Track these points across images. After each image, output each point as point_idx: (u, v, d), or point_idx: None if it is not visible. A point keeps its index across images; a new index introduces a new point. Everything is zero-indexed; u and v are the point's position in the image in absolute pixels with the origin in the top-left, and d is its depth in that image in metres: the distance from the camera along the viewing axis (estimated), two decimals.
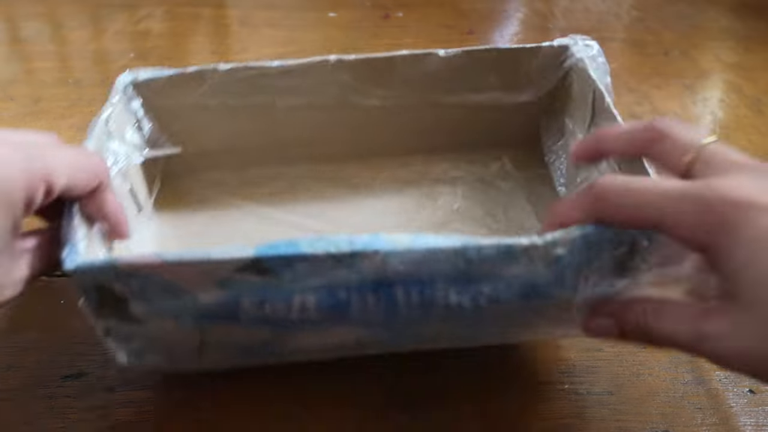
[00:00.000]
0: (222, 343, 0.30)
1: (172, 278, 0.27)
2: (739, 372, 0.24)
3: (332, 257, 0.26)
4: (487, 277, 0.27)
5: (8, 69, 0.66)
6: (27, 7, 0.80)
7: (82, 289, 0.27)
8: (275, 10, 0.81)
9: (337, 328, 0.29)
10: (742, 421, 0.33)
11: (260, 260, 0.26)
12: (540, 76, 0.41)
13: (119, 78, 0.39)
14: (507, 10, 0.85)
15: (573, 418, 0.33)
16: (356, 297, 0.27)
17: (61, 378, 0.34)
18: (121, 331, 0.29)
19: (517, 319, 0.30)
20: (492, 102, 0.41)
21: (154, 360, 0.31)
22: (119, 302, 0.27)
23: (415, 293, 0.27)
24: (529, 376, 0.35)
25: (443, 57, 0.39)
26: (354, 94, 0.41)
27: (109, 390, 0.33)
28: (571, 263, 0.26)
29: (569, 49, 0.39)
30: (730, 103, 0.64)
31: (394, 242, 0.26)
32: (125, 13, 0.78)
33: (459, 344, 0.33)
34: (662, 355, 0.36)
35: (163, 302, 0.27)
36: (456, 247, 0.26)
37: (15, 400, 0.32)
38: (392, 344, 0.31)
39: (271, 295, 0.27)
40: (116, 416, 0.32)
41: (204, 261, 0.26)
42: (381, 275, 0.26)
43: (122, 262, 0.26)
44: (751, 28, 0.81)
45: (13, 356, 0.35)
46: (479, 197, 0.42)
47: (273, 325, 0.28)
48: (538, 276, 0.26)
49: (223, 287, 0.27)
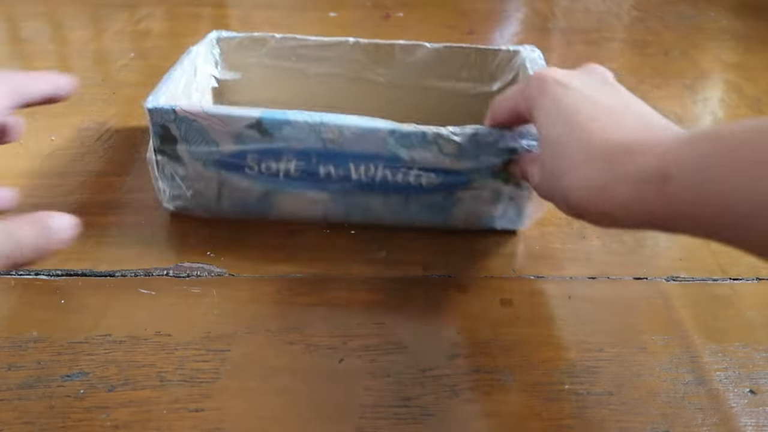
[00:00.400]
0: (232, 193, 0.43)
1: (207, 124, 0.40)
2: (544, 198, 0.35)
3: (308, 124, 0.39)
4: (412, 158, 0.40)
5: (8, 68, 0.66)
6: (27, 6, 0.80)
7: (154, 124, 0.40)
8: (275, 10, 0.81)
9: (308, 192, 0.42)
10: (742, 422, 0.33)
11: (262, 120, 0.39)
12: (500, 72, 0.52)
13: (210, 33, 0.52)
14: (507, 10, 0.85)
15: (573, 418, 0.33)
16: (322, 165, 0.41)
17: (61, 378, 0.34)
18: (169, 169, 0.42)
19: (435, 201, 0.42)
20: (466, 90, 0.53)
21: (187, 203, 0.44)
22: (172, 142, 0.41)
23: (363, 167, 0.41)
24: (529, 376, 0.35)
25: (430, 48, 0.52)
26: (364, 70, 0.53)
27: (109, 390, 0.33)
28: (467, 149, 0.40)
29: (520, 53, 0.51)
30: (730, 103, 0.64)
31: (348, 119, 0.39)
32: (125, 13, 0.78)
33: (396, 221, 0.44)
34: (663, 356, 0.36)
35: (198, 147, 0.41)
36: (389, 128, 0.39)
37: (15, 400, 0.32)
38: (348, 214, 0.43)
39: (267, 154, 0.41)
40: (116, 416, 0.32)
41: (227, 115, 0.40)
42: (338, 144, 0.40)
43: (178, 108, 0.40)
44: (751, 28, 0.81)
45: (13, 356, 0.35)
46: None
47: (267, 182, 0.42)
48: (446, 158, 0.40)
49: (236, 141, 0.40)
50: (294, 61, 0.52)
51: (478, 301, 0.39)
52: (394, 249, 0.43)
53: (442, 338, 0.37)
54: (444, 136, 0.39)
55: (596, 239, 0.45)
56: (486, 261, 0.43)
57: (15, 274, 0.40)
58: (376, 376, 0.34)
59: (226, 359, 0.35)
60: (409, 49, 0.52)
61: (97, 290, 0.39)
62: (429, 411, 0.33)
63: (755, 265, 0.42)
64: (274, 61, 0.53)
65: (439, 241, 0.44)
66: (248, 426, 0.32)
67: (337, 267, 0.41)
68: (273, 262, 0.42)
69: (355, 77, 0.53)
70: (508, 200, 0.42)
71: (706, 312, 0.39)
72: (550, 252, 0.44)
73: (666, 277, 0.42)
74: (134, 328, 0.36)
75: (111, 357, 0.35)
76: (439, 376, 0.34)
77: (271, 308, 0.38)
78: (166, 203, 0.44)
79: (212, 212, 0.44)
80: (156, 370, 0.34)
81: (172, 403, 0.33)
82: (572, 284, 0.41)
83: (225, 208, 0.44)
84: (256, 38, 0.52)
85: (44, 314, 0.37)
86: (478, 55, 0.52)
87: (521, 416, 0.33)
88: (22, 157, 0.50)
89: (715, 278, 0.42)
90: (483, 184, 0.41)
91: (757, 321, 0.39)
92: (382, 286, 0.40)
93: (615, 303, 0.40)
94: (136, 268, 0.41)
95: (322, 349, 0.36)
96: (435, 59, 0.52)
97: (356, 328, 0.37)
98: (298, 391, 0.33)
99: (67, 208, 0.45)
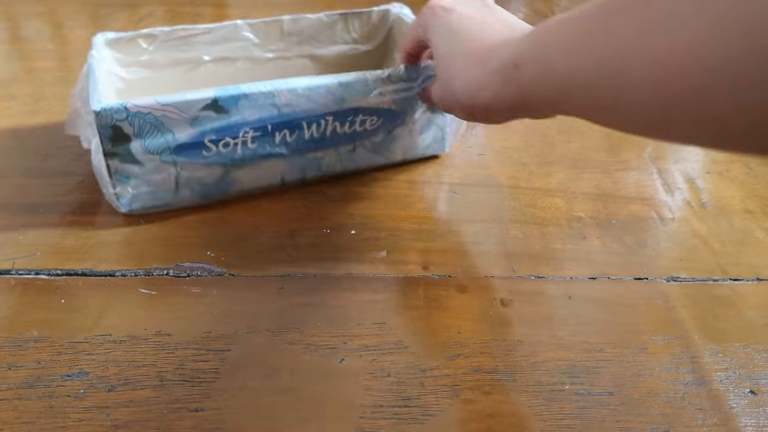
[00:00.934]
0: (190, 180, 0.44)
1: (161, 115, 0.40)
2: (445, 110, 0.40)
3: (262, 93, 0.42)
4: (358, 105, 0.45)
5: (9, 68, 0.66)
6: (28, 6, 0.80)
7: (103, 126, 0.40)
8: (276, 9, 0.81)
9: (266, 161, 0.45)
10: (743, 422, 0.33)
11: (217, 99, 0.41)
12: (375, 32, 0.58)
13: (96, 37, 0.50)
14: (508, 10, 0.85)
15: (573, 418, 0.33)
16: (277, 131, 0.44)
17: (61, 377, 0.34)
18: (123, 172, 0.42)
19: (377, 142, 0.48)
20: (350, 51, 0.58)
21: (144, 203, 0.44)
22: (125, 141, 0.41)
23: (314, 124, 0.44)
24: (529, 377, 0.35)
25: (313, 19, 0.55)
26: (255, 49, 0.55)
27: (109, 390, 0.33)
28: (403, 86, 0.46)
29: (390, 11, 0.57)
30: None
31: (297, 82, 0.43)
32: (126, 13, 0.78)
33: (345, 170, 0.49)
34: (663, 356, 0.36)
35: (153, 139, 0.41)
36: (335, 81, 0.43)
37: (15, 400, 0.32)
38: (304, 173, 0.47)
39: (224, 131, 0.42)
40: (116, 416, 0.32)
41: (182, 101, 0.41)
42: (291, 107, 0.43)
43: (130, 104, 0.40)
44: None
45: (13, 356, 0.35)
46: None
47: (225, 159, 0.43)
48: (384, 97, 0.45)
49: (193, 125, 0.41)
50: (186, 50, 0.53)
51: (479, 301, 0.39)
52: (394, 249, 0.43)
53: (443, 338, 0.37)
54: (384, 77, 0.45)
55: (597, 239, 0.45)
56: (486, 261, 0.42)
57: (15, 273, 0.40)
58: (376, 376, 0.34)
59: (226, 359, 0.35)
60: (294, 22, 0.55)
61: (97, 290, 0.39)
62: (429, 411, 0.33)
63: (756, 266, 0.42)
64: (167, 53, 0.53)
65: (439, 241, 0.44)
66: (248, 426, 0.32)
67: (338, 267, 0.41)
68: (273, 261, 0.42)
69: (249, 56, 0.55)
70: (435, 128, 0.50)
71: (706, 312, 0.39)
72: (550, 252, 0.43)
73: (666, 278, 0.42)
74: (134, 327, 0.36)
75: (111, 357, 0.35)
76: (439, 376, 0.34)
77: (271, 308, 0.38)
78: (123, 207, 0.44)
79: (171, 205, 0.45)
80: (156, 370, 0.34)
81: (172, 403, 0.33)
82: (572, 284, 0.41)
83: (184, 197, 0.45)
84: (144, 34, 0.51)
85: (44, 314, 0.37)
86: (355, 18, 0.57)
87: (522, 416, 0.33)
88: (22, 156, 0.50)
89: (715, 278, 0.42)
90: (415, 117, 0.48)
91: (757, 321, 0.39)
92: (383, 286, 0.40)
93: (615, 303, 0.40)
94: (136, 268, 0.41)
95: (322, 349, 0.36)
96: (319, 28, 0.56)
97: (356, 328, 0.37)
98: (299, 391, 0.33)
99: (67, 208, 0.45)
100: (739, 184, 0.51)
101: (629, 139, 0.56)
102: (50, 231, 0.44)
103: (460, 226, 0.46)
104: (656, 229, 0.46)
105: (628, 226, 0.46)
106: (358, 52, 0.58)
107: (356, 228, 0.45)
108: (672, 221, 0.47)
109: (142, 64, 0.52)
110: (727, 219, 0.47)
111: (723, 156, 0.55)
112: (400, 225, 0.45)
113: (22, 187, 0.48)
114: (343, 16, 0.56)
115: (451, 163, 0.52)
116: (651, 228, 0.46)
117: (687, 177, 0.52)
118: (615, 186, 0.50)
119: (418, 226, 0.45)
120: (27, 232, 0.43)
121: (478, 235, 0.45)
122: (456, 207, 0.47)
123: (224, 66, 0.55)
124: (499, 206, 0.48)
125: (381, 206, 0.47)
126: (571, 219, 0.47)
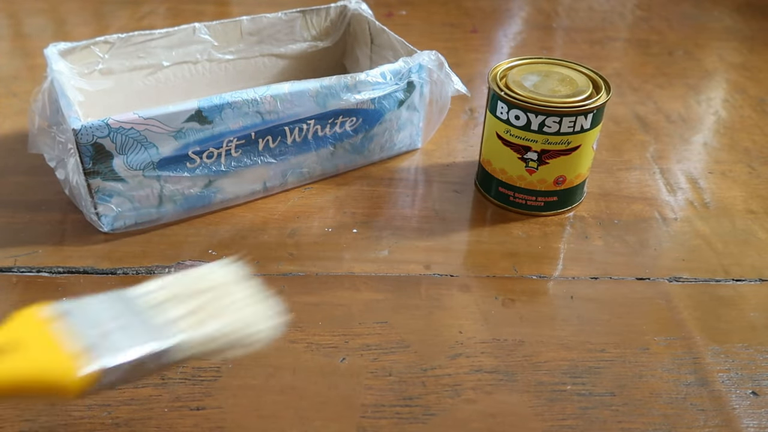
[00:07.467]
0: (173, 194, 0.43)
1: (143, 129, 0.39)
2: None
3: (246, 102, 0.42)
4: (338, 107, 0.45)
5: (11, 65, 0.66)
6: (30, 3, 0.80)
7: (84, 145, 0.38)
8: (278, 8, 0.81)
9: (249, 169, 0.45)
10: (744, 423, 0.32)
11: (201, 110, 0.40)
12: (334, 28, 0.59)
13: (47, 48, 0.47)
14: (510, 9, 0.85)
15: (575, 419, 0.32)
16: (261, 138, 0.44)
17: None
18: (105, 190, 0.41)
19: (356, 143, 0.49)
20: (310, 48, 0.58)
21: (128, 220, 0.43)
22: (107, 158, 0.39)
23: (296, 129, 0.45)
24: (531, 377, 0.35)
25: (272, 18, 0.55)
26: (214, 51, 0.55)
27: (110, 388, 0.33)
28: (380, 86, 0.46)
29: (347, 7, 0.58)
30: (734, 103, 0.63)
31: (279, 88, 0.43)
32: (128, 10, 0.78)
33: (324, 173, 0.49)
34: (665, 357, 0.36)
35: (137, 155, 0.40)
36: (317, 85, 0.44)
37: (16, 398, 0.32)
38: (285, 178, 0.47)
39: (208, 141, 0.42)
40: (117, 414, 0.32)
41: (165, 114, 0.40)
42: (274, 113, 0.43)
43: (112, 120, 0.38)
44: (756, 29, 0.81)
45: None
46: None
47: (208, 170, 0.43)
48: (362, 95, 0.46)
49: (177, 137, 0.41)
50: (143, 57, 0.52)
51: (480, 300, 0.39)
52: (396, 248, 0.43)
53: (444, 338, 0.37)
54: (363, 79, 0.45)
55: (599, 239, 0.45)
56: (488, 260, 0.42)
57: (17, 271, 0.40)
58: (377, 375, 0.34)
59: (227, 358, 0.35)
60: (253, 22, 0.55)
61: (98, 288, 0.39)
62: (431, 410, 0.33)
63: (758, 266, 0.42)
64: (123, 61, 0.51)
65: (441, 240, 0.44)
66: (249, 424, 0.32)
67: (339, 266, 0.41)
68: (274, 260, 0.42)
69: (208, 59, 0.54)
70: (410, 126, 0.51)
71: (708, 313, 0.39)
72: (552, 252, 0.43)
73: (669, 278, 0.42)
74: None
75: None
76: (440, 376, 0.34)
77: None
78: (105, 227, 0.42)
79: (154, 221, 0.44)
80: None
81: (173, 401, 0.33)
82: (574, 284, 0.41)
83: (168, 212, 0.44)
84: (98, 42, 0.50)
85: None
86: (313, 15, 0.57)
87: (523, 416, 0.33)
88: (23, 155, 0.50)
89: (717, 279, 0.42)
90: (393, 116, 0.49)
91: (759, 322, 0.39)
92: (384, 285, 0.40)
93: (617, 303, 0.40)
94: (137, 266, 0.41)
95: (323, 348, 0.36)
96: (278, 27, 0.56)
97: (358, 327, 0.37)
98: (300, 390, 0.33)
99: (69, 206, 0.45)
100: (742, 185, 0.51)
101: (632, 139, 0.56)
102: (52, 229, 0.44)
103: (462, 225, 0.46)
104: (659, 230, 0.46)
105: (631, 226, 0.46)
106: (318, 48, 0.59)
107: (358, 227, 0.45)
108: (674, 221, 0.47)
109: (99, 73, 0.50)
110: (730, 219, 0.47)
111: (726, 156, 0.55)
112: (402, 224, 0.45)
113: (23, 184, 0.48)
114: (301, 14, 0.57)
115: (453, 163, 0.52)
116: (653, 228, 0.46)
117: (689, 177, 0.52)
118: (617, 186, 0.50)
119: (420, 225, 0.45)
120: (29, 229, 0.43)
121: (480, 234, 0.45)
122: (458, 206, 0.47)
123: (184, 70, 0.54)
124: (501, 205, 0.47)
125: (383, 205, 0.47)
126: (574, 219, 0.46)
